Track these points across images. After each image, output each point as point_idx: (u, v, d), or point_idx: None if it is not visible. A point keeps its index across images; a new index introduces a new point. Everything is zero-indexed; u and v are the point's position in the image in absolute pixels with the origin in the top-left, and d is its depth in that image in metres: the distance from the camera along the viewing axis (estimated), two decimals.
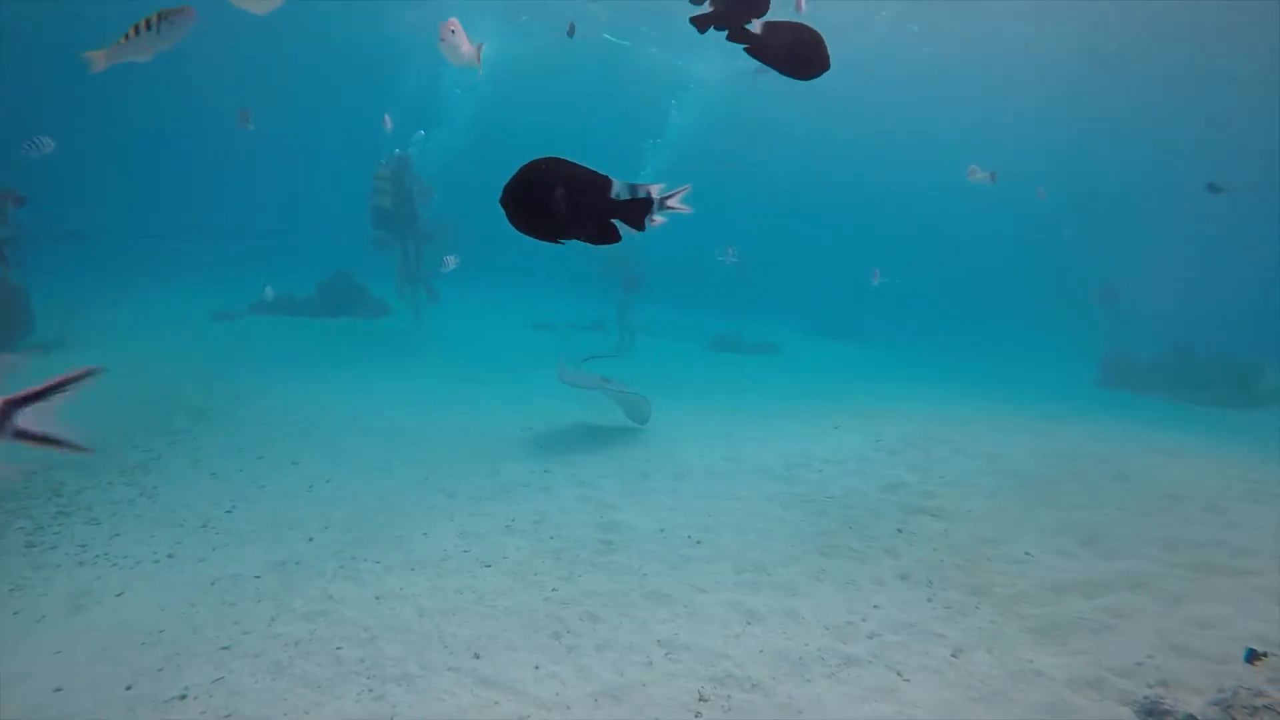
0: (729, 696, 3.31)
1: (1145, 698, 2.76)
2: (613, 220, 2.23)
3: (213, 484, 5.92)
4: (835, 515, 5.59)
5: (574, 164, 2.17)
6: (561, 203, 2.16)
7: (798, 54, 2.57)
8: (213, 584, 4.33)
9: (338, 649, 3.64)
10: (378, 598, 4.18)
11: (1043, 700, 3.30)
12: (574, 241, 2.30)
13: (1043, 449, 7.44)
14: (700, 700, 3.28)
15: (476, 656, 3.60)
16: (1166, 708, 2.60)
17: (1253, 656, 3.33)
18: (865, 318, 21.21)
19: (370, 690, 3.31)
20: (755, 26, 2.55)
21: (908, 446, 7.35)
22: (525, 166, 2.15)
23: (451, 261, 9.40)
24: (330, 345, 11.81)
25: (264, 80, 26.95)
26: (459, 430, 7.68)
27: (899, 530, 5.30)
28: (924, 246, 33.61)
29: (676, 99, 21.00)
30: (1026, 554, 4.89)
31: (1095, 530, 5.26)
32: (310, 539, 5.00)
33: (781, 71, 2.63)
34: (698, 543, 5.03)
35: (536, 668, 3.51)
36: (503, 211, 2.20)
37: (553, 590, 4.29)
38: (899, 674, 3.52)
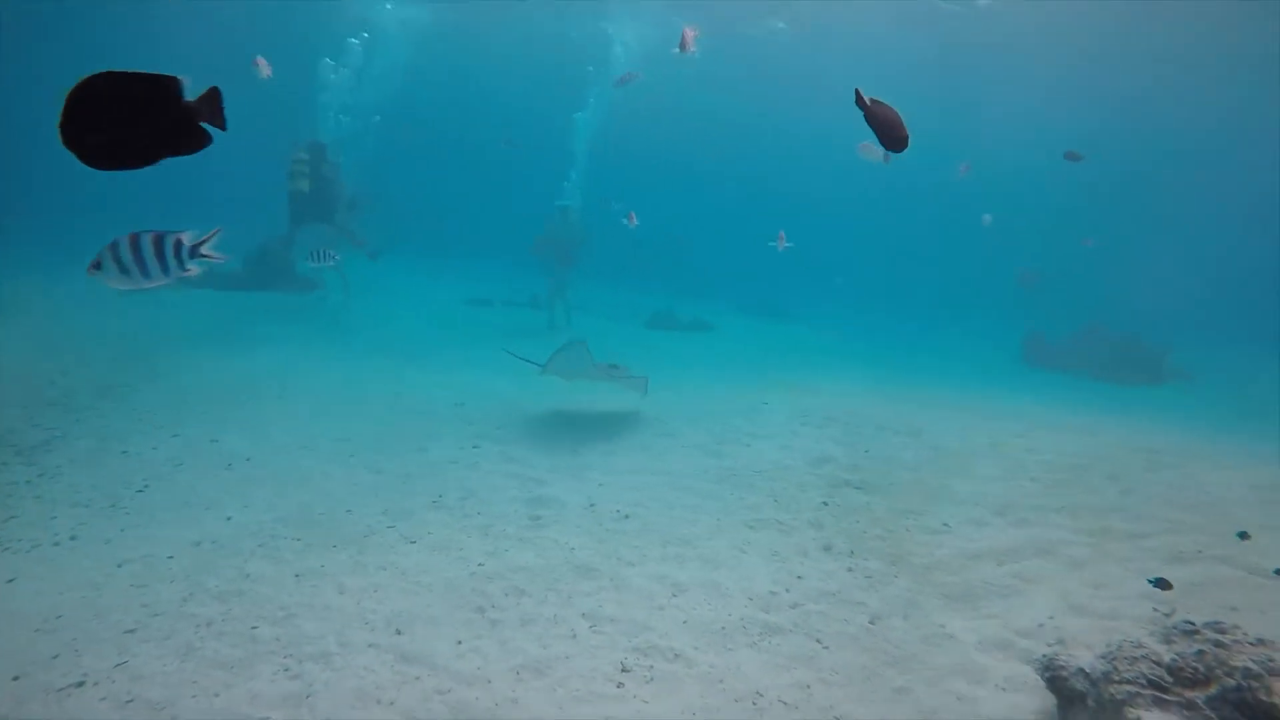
0: (651, 667, 3.35)
1: (1044, 655, 2.91)
2: (198, 124, 2.00)
3: (123, 463, 5.64)
4: (762, 489, 5.69)
5: (131, 73, 1.88)
6: (130, 119, 1.87)
7: (893, 129, 3.10)
8: (120, 566, 4.14)
9: (253, 628, 3.54)
10: (297, 575, 4.07)
11: (953, 662, 3.46)
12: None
13: (962, 424, 7.73)
14: (623, 671, 3.31)
15: (398, 632, 3.55)
16: (1061, 663, 2.74)
17: (1161, 584, 4.08)
18: (800, 298, 21.58)
19: (286, 669, 3.23)
20: (868, 100, 3.08)
21: (834, 423, 7.53)
22: (72, 90, 1.83)
23: (334, 256, 8.85)
24: (255, 321, 11.34)
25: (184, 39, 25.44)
26: (387, 407, 7.50)
27: (824, 503, 5.43)
28: (864, 231, 34.33)
29: (616, 25, 20.61)
30: (944, 524, 5.08)
31: (1008, 501, 5.50)
32: (228, 518, 4.82)
33: (878, 137, 3.14)
34: (626, 517, 5.05)
35: (459, 642, 3.48)
36: (72, 152, 1.87)
37: (478, 565, 4.26)
38: (818, 641, 3.62)
